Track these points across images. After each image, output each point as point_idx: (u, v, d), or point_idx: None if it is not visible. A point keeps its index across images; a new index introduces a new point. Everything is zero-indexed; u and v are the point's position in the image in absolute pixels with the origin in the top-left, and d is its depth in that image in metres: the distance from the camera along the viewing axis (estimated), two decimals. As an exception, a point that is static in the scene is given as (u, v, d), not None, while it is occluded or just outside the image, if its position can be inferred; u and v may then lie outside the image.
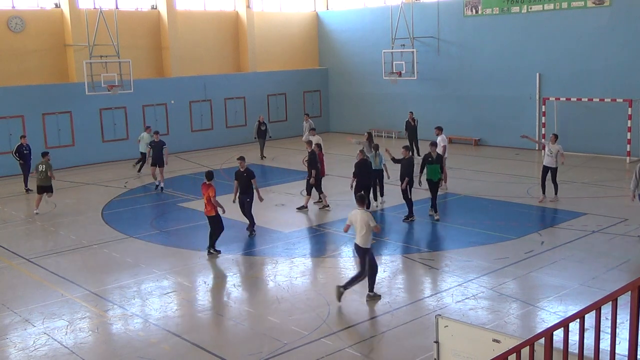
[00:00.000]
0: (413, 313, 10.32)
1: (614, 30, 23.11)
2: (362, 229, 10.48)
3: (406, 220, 15.71)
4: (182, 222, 16.64)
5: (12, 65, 24.68)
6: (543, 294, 10.98)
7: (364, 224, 10.45)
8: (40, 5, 25.55)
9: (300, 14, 33.05)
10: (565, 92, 24.31)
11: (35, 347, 9.51)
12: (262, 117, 26.41)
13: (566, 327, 5.30)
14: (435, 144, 16.54)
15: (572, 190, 18.35)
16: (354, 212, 10.73)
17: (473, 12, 26.93)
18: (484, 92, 26.99)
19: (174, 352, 9.25)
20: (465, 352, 6.63)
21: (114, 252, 14.21)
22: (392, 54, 29.00)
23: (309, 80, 32.78)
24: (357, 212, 10.63)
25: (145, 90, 26.79)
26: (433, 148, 16.03)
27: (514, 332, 9.33)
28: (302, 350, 9.13)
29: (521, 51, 25.63)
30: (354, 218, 10.68)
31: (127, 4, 27.56)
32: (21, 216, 17.95)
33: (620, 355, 5.75)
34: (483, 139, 27.29)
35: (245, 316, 10.51)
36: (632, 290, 4.74)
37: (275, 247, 14.40)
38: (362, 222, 10.47)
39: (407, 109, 27.03)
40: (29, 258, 13.90)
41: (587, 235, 14.03)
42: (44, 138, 24.52)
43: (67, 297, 11.50)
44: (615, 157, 22.67)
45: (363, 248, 10.61)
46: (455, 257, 13.21)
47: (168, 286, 11.99)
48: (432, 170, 15.67)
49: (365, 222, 10.44)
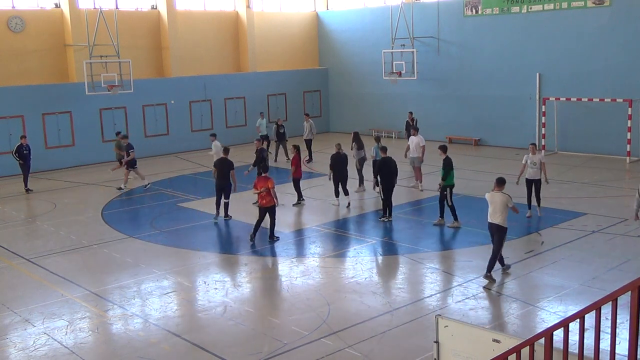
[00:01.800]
0: (413, 313, 10.32)
1: (614, 30, 23.10)
2: (502, 210, 11.25)
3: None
4: (182, 222, 16.63)
5: (12, 65, 24.67)
6: (543, 294, 10.98)
7: (503, 205, 11.24)
8: (40, 5, 25.55)
9: (300, 14, 33.05)
10: (565, 92, 24.30)
11: (35, 347, 9.51)
12: (280, 120, 26.01)
13: (566, 327, 5.30)
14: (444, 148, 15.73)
15: (572, 190, 18.34)
16: (491, 194, 11.48)
17: (473, 12, 26.93)
18: (484, 92, 26.98)
19: (174, 352, 9.25)
20: (465, 352, 6.63)
21: (114, 252, 14.21)
22: (392, 54, 29.00)
23: (309, 80, 32.78)
24: (496, 194, 11.39)
25: (145, 90, 26.79)
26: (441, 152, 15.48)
27: (514, 332, 9.34)
28: (302, 350, 9.13)
29: (521, 51, 25.63)
30: (492, 199, 11.41)
31: (127, 4, 27.56)
32: (21, 216, 17.96)
33: (620, 355, 5.75)
34: (483, 139, 27.29)
35: (245, 316, 10.51)
36: (632, 290, 4.74)
37: (275, 247, 14.40)
38: (502, 204, 11.25)
39: (407, 109, 27.05)
40: (29, 258, 13.90)
41: (587, 235, 14.03)
42: (44, 138, 24.53)
43: (67, 297, 11.50)
44: (615, 157, 22.66)
45: (504, 227, 11.36)
46: (455, 257, 13.21)
47: (168, 286, 12.00)
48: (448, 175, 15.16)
49: (504, 203, 11.25)
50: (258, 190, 14.21)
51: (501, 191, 11.42)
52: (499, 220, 11.33)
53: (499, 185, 11.49)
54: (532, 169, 15.29)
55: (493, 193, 11.47)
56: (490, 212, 11.47)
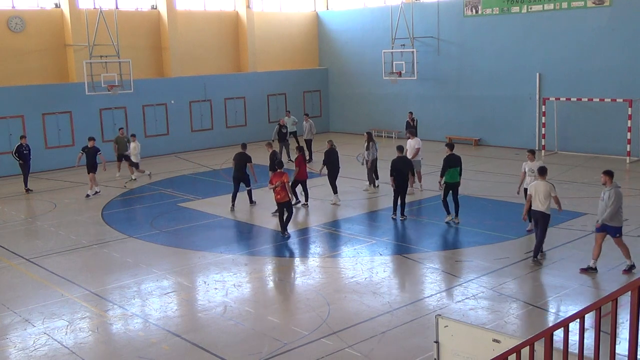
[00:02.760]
0: (413, 313, 10.32)
1: (614, 30, 23.10)
2: (546, 198, 11.92)
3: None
4: (182, 222, 16.63)
5: (12, 65, 24.67)
6: (543, 294, 10.98)
7: (546, 193, 11.91)
8: (40, 5, 25.55)
9: (300, 14, 33.05)
10: (565, 92, 24.30)
11: (35, 347, 9.51)
12: (283, 120, 25.99)
13: (566, 327, 5.30)
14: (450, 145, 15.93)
15: (572, 190, 18.34)
16: (535, 183, 12.13)
17: (473, 12, 26.93)
18: (484, 92, 26.98)
19: (174, 352, 9.25)
20: (465, 352, 6.63)
21: (114, 252, 14.21)
22: (392, 54, 29.00)
23: (309, 80, 32.78)
24: (540, 183, 12.03)
25: (145, 90, 26.79)
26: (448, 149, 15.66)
27: (514, 332, 9.34)
28: (302, 350, 9.13)
29: (521, 51, 25.63)
30: (536, 188, 12.01)
31: (127, 4, 27.55)
32: (21, 216, 17.95)
33: (620, 355, 5.75)
34: (483, 139, 27.29)
35: (245, 316, 10.50)
36: (632, 290, 4.74)
37: (275, 247, 14.41)
38: (545, 192, 11.90)
39: (407, 109, 27.04)
40: (29, 258, 13.90)
41: (587, 235, 14.02)
42: (44, 138, 24.53)
43: (67, 297, 11.50)
44: (615, 157, 22.65)
45: (547, 214, 12.01)
46: (455, 257, 13.21)
47: (168, 286, 11.99)
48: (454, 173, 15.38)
49: (548, 191, 11.92)
50: (273, 185, 14.63)
51: (544, 180, 12.05)
52: (543, 207, 11.97)
53: (542, 174, 12.19)
54: (530, 177, 14.44)
55: (537, 182, 12.12)
56: (534, 201, 12.05)
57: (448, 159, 15.34)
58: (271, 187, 14.81)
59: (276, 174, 14.84)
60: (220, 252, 13.82)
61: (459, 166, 15.46)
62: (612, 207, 11.42)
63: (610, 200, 11.47)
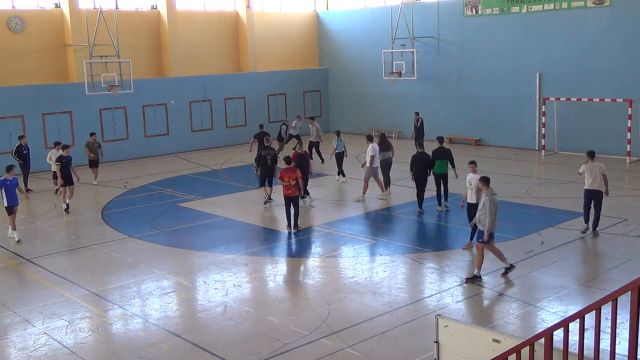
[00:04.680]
0: (413, 313, 10.32)
1: (614, 30, 23.10)
2: (600, 176, 13.51)
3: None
4: (182, 222, 16.63)
5: (12, 65, 24.67)
6: (543, 294, 10.98)
7: (600, 172, 13.53)
8: (40, 5, 25.54)
9: (300, 14, 33.05)
10: (565, 92, 24.30)
11: (35, 347, 9.51)
12: (288, 121, 26.01)
13: (566, 327, 5.30)
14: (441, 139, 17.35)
15: (572, 191, 18.33)
16: (588, 165, 13.62)
17: (473, 12, 26.93)
18: (484, 92, 26.98)
19: (174, 352, 9.25)
20: (465, 352, 6.63)
21: (114, 252, 14.21)
22: (392, 54, 29.00)
23: (309, 80, 32.77)
24: (593, 164, 13.56)
25: (145, 90, 26.78)
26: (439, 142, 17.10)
27: (514, 332, 9.33)
28: (302, 350, 9.13)
29: (521, 51, 25.62)
30: (591, 168, 13.57)
31: (127, 4, 27.55)
32: (21, 216, 17.93)
33: (620, 355, 5.75)
34: (483, 139, 27.28)
35: (245, 316, 10.50)
36: (632, 290, 4.74)
37: (275, 247, 14.41)
38: (600, 171, 13.53)
39: (408, 108, 27.08)
40: (29, 258, 13.90)
41: (587, 235, 14.03)
42: (44, 138, 24.52)
43: (67, 297, 11.50)
44: (615, 157, 22.65)
45: (601, 191, 13.59)
46: (455, 257, 13.21)
47: (168, 286, 11.99)
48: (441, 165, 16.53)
49: (601, 171, 13.57)
50: (286, 182, 14.68)
51: (594, 161, 13.57)
52: (597, 185, 13.52)
53: (591, 157, 13.64)
54: (470, 189, 13.39)
55: (589, 164, 13.57)
56: (588, 180, 13.55)
57: (435, 151, 16.52)
58: (283, 184, 14.81)
59: (288, 169, 14.88)
60: (220, 252, 13.82)
61: (447, 159, 16.53)
62: (489, 215, 11.14)
63: (485, 208, 11.19)
